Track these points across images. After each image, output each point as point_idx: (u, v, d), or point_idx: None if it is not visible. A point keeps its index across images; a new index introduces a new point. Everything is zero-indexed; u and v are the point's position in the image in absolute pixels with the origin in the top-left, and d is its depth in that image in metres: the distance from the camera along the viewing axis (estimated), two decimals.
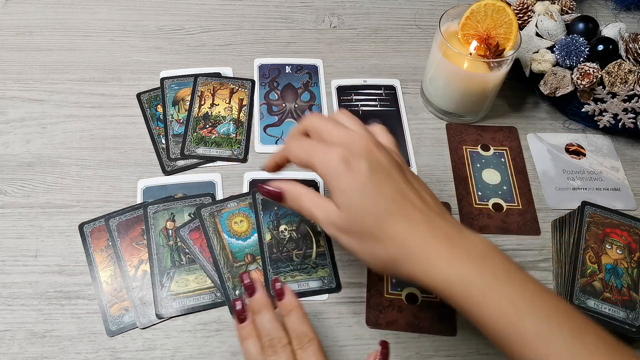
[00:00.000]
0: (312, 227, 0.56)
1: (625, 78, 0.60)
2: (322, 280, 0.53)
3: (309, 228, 0.56)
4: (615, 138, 0.66)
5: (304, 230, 0.56)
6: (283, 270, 0.53)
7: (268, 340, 0.42)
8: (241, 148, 0.62)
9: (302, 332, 0.42)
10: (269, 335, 0.42)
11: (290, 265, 0.54)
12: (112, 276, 0.52)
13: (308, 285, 0.53)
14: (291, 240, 0.55)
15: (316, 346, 0.42)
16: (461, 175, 0.61)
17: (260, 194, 0.47)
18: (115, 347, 0.49)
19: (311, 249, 0.55)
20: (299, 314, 0.43)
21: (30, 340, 0.49)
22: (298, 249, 0.55)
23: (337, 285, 0.53)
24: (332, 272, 0.54)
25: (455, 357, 0.50)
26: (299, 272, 0.53)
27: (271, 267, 0.53)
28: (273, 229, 0.55)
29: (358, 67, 0.70)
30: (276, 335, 0.42)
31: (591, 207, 0.54)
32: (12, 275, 0.52)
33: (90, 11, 0.74)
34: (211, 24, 0.74)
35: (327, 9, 0.77)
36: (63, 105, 0.64)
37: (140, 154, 0.61)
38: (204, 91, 0.66)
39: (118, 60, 0.69)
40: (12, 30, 0.71)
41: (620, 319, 0.48)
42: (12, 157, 0.60)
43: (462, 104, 0.63)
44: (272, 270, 0.53)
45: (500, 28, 0.59)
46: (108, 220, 0.55)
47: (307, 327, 0.43)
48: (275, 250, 0.54)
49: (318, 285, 0.53)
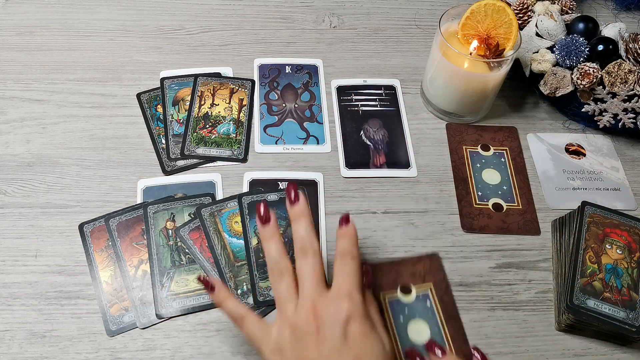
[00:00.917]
0: None
1: (625, 78, 0.60)
2: None
3: None
4: (615, 138, 0.66)
5: (290, 235, 0.55)
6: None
7: (301, 245, 0.43)
8: (241, 148, 0.62)
9: (349, 250, 0.43)
10: (302, 240, 0.43)
11: None
12: (112, 276, 0.52)
13: None
14: None
15: (357, 265, 0.43)
16: (461, 175, 0.61)
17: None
18: (115, 347, 0.49)
19: None
20: (354, 240, 0.44)
21: (30, 340, 0.49)
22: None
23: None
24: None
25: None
26: None
27: (258, 272, 0.53)
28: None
29: (358, 67, 0.70)
30: (309, 242, 0.43)
31: (591, 207, 0.54)
32: (12, 275, 0.52)
33: (90, 11, 0.74)
34: (211, 24, 0.74)
35: (327, 9, 0.77)
36: (63, 105, 0.64)
37: (140, 154, 0.61)
38: (204, 91, 0.66)
39: (118, 60, 0.69)
40: (12, 30, 0.71)
41: (620, 319, 0.48)
42: (12, 157, 0.60)
43: (462, 104, 0.63)
44: (259, 275, 0.53)
45: (500, 28, 0.59)
46: (108, 220, 0.55)
47: (356, 250, 0.43)
48: (262, 254, 0.53)
49: None
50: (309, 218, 0.45)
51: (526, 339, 0.51)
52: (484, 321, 0.52)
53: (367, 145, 0.63)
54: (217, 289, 0.45)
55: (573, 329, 0.51)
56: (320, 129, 0.64)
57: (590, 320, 0.48)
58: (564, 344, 0.51)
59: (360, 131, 0.64)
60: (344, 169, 0.61)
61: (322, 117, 0.65)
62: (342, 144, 0.63)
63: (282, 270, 0.44)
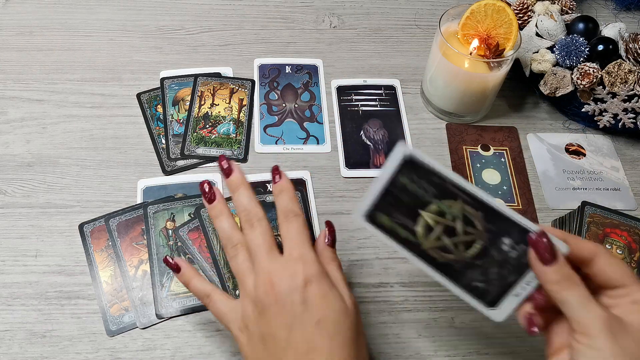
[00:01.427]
0: None
1: (625, 78, 0.60)
2: None
3: None
4: (615, 138, 0.66)
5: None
6: None
7: (245, 216, 0.42)
8: (241, 148, 0.62)
9: (290, 208, 0.42)
10: (246, 210, 0.42)
11: None
12: (112, 276, 0.52)
13: None
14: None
15: (301, 222, 0.42)
16: (461, 175, 0.61)
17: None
18: (115, 347, 0.49)
19: None
20: (290, 195, 0.43)
21: (30, 340, 0.49)
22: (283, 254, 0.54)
23: None
24: None
25: (455, 357, 0.50)
26: None
27: None
28: None
29: (358, 67, 0.71)
30: (253, 210, 0.42)
31: (591, 207, 0.54)
32: (12, 275, 0.52)
33: (90, 11, 0.74)
34: (211, 24, 0.74)
35: (327, 9, 0.77)
36: (63, 105, 0.64)
37: (140, 154, 0.61)
38: (204, 91, 0.66)
39: (118, 60, 0.69)
40: (12, 30, 0.71)
41: None
42: (12, 157, 0.60)
43: (462, 104, 0.63)
44: None
45: (500, 28, 0.59)
46: (108, 220, 0.55)
47: (296, 206, 0.43)
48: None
49: None
50: (248, 186, 0.44)
51: (527, 339, 0.51)
52: (484, 321, 0.51)
53: (367, 145, 0.63)
54: (182, 269, 0.45)
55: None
56: (320, 129, 0.64)
57: None
58: None
59: (360, 131, 0.64)
60: (344, 169, 0.61)
61: (322, 117, 0.65)
62: (342, 144, 0.63)
63: (235, 245, 0.43)
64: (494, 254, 0.39)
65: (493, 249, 0.39)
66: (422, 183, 0.39)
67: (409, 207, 0.39)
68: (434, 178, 0.38)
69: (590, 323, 0.36)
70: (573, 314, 0.36)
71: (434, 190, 0.39)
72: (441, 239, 0.39)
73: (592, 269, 0.39)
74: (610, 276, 0.38)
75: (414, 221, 0.39)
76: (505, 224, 0.38)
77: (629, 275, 0.38)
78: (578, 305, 0.36)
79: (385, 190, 0.39)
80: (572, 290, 0.36)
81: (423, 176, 0.38)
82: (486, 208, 0.38)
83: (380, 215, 0.40)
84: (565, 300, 0.37)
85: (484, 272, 0.39)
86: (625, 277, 0.38)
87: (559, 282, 0.37)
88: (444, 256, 0.39)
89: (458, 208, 0.39)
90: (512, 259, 0.39)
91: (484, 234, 0.39)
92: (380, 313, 0.52)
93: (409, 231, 0.39)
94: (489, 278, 0.39)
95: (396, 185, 0.39)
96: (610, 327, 0.36)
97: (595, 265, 0.38)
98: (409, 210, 0.39)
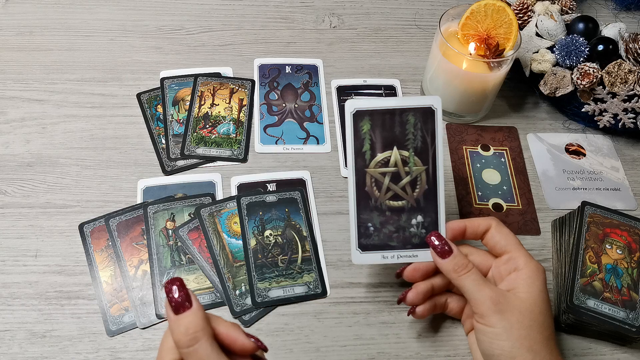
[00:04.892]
0: (298, 232, 0.56)
1: (625, 78, 0.60)
2: (308, 285, 0.53)
3: (294, 233, 0.56)
4: (615, 138, 0.66)
5: (289, 235, 0.55)
6: (268, 276, 0.53)
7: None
8: (241, 148, 0.62)
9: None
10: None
11: (276, 271, 0.53)
12: (112, 276, 0.52)
13: (293, 290, 0.52)
14: (276, 246, 0.55)
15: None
16: (461, 175, 0.61)
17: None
18: (115, 347, 0.49)
19: (297, 254, 0.54)
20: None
21: (30, 340, 0.49)
22: (283, 254, 0.54)
23: (322, 290, 0.53)
24: (318, 277, 0.53)
25: (455, 357, 0.50)
26: (284, 278, 0.53)
27: (256, 273, 0.53)
28: (258, 234, 0.55)
29: (358, 67, 0.71)
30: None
31: (591, 207, 0.54)
32: (12, 275, 0.52)
33: (90, 11, 0.74)
34: (211, 24, 0.74)
35: (327, 9, 0.77)
36: (63, 105, 0.64)
37: (140, 154, 0.61)
38: (204, 91, 0.66)
39: (118, 60, 0.69)
40: (12, 30, 0.71)
41: (620, 319, 0.48)
42: (12, 157, 0.60)
43: (462, 104, 0.63)
44: (257, 277, 0.53)
45: (500, 28, 0.59)
46: (108, 220, 0.55)
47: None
48: (260, 255, 0.54)
49: (303, 291, 0.52)
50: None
51: None
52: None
53: None
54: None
55: (573, 328, 0.51)
56: (320, 129, 0.64)
57: (590, 320, 0.48)
58: (564, 344, 0.51)
59: None
60: (344, 169, 0.61)
61: (322, 117, 0.65)
62: (342, 144, 0.63)
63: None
64: (403, 218, 0.47)
65: (411, 214, 0.47)
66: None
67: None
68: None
69: (482, 303, 0.42)
70: (470, 296, 0.43)
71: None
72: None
73: (486, 240, 0.46)
74: (497, 242, 0.45)
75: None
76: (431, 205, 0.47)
77: (513, 243, 0.45)
78: (472, 288, 0.43)
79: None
80: (466, 276, 0.43)
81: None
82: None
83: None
84: (462, 285, 0.43)
85: (383, 222, 0.47)
86: (509, 245, 0.45)
87: (456, 270, 0.43)
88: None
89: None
90: (413, 233, 0.47)
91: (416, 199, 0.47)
92: (380, 313, 0.52)
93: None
94: (381, 230, 0.47)
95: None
96: (498, 304, 0.42)
97: (487, 235, 0.46)
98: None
